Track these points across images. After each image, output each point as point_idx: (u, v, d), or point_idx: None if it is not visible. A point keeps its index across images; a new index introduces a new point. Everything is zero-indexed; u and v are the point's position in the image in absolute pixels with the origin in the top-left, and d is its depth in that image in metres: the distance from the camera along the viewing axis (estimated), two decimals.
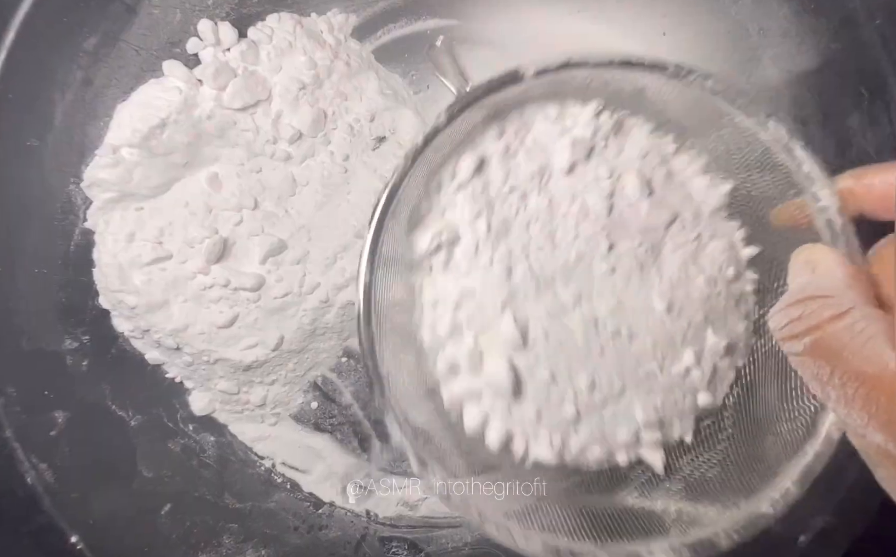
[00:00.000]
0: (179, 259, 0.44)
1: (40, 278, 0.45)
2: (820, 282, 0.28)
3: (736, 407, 0.37)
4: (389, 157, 0.47)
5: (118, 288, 0.44)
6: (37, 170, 0.44)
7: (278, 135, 0.45)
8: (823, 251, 0.29)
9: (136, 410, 0.48)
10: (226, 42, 0.45)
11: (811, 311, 0.26)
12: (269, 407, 0.50)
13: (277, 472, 0.51)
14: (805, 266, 0.29)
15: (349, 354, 0.51)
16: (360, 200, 0.46)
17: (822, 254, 0.29)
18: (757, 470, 0.33)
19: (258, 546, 0.48)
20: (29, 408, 0.44)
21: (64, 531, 0.43)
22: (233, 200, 0.45)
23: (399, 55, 0.50)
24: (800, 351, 0.27)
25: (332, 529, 0.50)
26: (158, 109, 0.42)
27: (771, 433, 0.33)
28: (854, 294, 0.26)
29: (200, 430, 0.50)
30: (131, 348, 0.47)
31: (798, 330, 0.27)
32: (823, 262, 0.29)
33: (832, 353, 0.25)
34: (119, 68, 0.45)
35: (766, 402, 0.35)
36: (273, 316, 0.46)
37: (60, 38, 0.43)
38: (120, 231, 0.44)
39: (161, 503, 0.47)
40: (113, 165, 0.43)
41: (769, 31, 0.46)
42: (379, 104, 0.47)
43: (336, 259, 0.46)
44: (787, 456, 0.31)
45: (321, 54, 0.46)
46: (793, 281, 0.30)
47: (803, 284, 0.29)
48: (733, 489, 0.33)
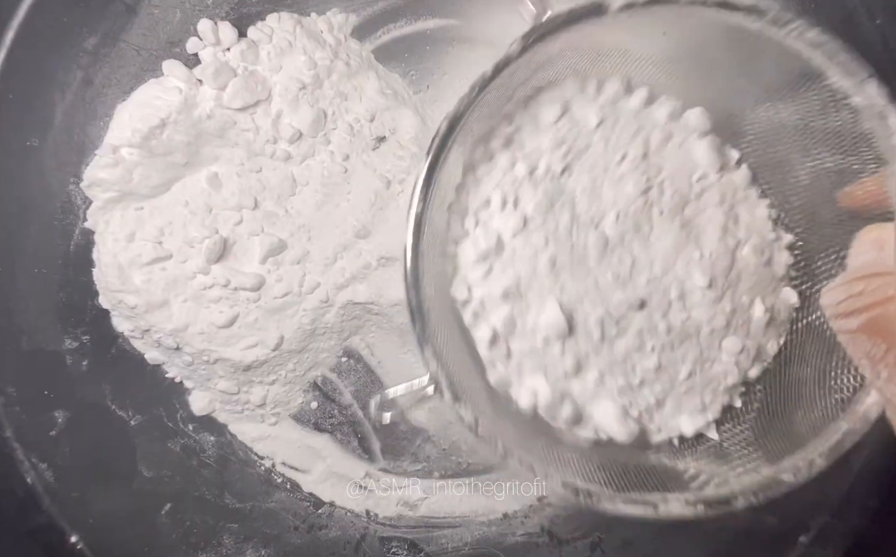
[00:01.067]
0: (179, 259, 0.44)
1: (40, 278, 0.45)
2: (887, 261, 0.27)
3: (768, 381, 0.37)
4: (389, 157, 0.47)
5: (118, 288, 0.44)
6: (37, 170, 0.44)
7: (278, 135, 0.45)
8: (892, 230, 0.28)
9: (136, 410, 0.48)
10: (226, 42, 0.45)
11: (874, 288, 0.26)
12: (269, 407, 0.50)
13: (277, 472, 0.51)
14: (873, 244, 0.29)
15: (349, 354, 0.51)
16: (360, 200, 0.46)
17: (891, 233, 0.28)
18: (783, 442, 0.33)
19: (258, 546, 0.48)
20: (29, 408, 0.44)
21: (64, 531, 0.43)
22: (233, 200, 0.45)
23: (399, 55, 0.50)
24: (854, 329, 0.27)
25: (332, 529, 0.50)
26: (158, 109, 0.42)
27: (801, 408, 0.33)
28: None
29: (200, 430, 0.50)
30: (131, 348, 0.47)
31: (856, 306, 0.27)
32: (892, 241, 0.28)
33: (890, 331, 0.25)
34: (119, 68, 0.45)
35: (800, 379, 0.35)
36: (273, 316, 0.46)
37: (60, 38, 0.43)
38: (120, 231, 0.44)
39: (161, 503, 0.47)
40: (113, 165, 0.43)
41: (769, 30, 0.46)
42: (379, 104, 0.47)
43: (336, 259, 0.46)
44: (816, 431, 0.31)
45: (321, 54, 0.46)
46: (856, 258, 0.30)
47: (868, 261, 0.28)
48: (757, 456, 0.33)
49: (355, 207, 0.46)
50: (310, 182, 0.46)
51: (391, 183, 0.47)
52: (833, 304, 0.28)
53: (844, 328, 0.28)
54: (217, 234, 0.44)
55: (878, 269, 0.27)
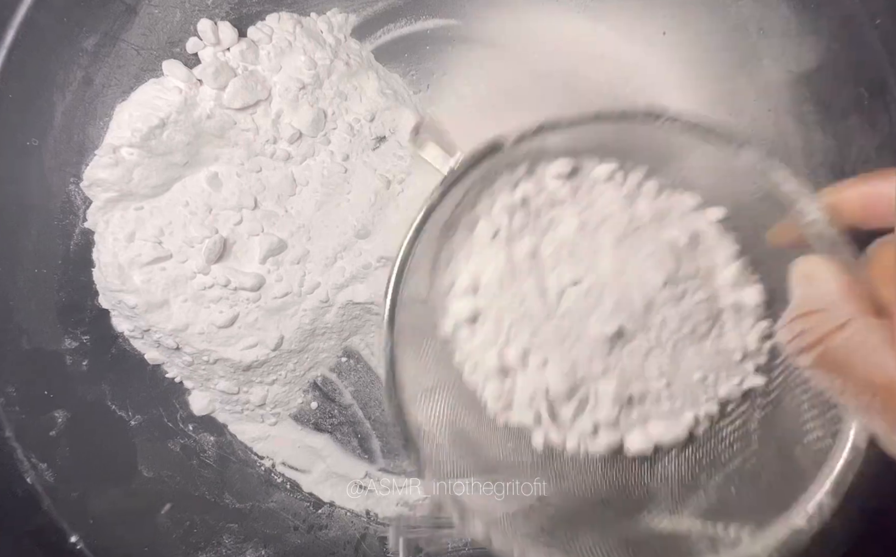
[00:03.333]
0: (179, 258, 0.44)
1: (40, 278, 0.45)
2: (818, 295, 0.28)
3: (762, 420, 0.37)
4: (389, 157, 0.47)
5: (118, 288, 0.44)
6: (37, 170, 0.44)
7: (278, 135, 0.45)
8: (818, 262, 0.29)
9: (136, 410, 0.48)
10: (225, 42, 0.45)
11: (812, 325, 0.26)
12: (269, 407, 0.50)
13: (277, 472, 0.51)
14: (802, 278, 0.29)
15: (349, 354, 0.51)
16: (360, 200, 0.46)
17: (817, 266, 0.29)
18: (788, 483, 0.32)
19: (258, 546, 0.48)
20: (29, 408, 0.44)
21: (64, 531, 0.43)
22: (233, 200, 0.45)
23: (399, 55, 0.50)
24: (809, 365, 0.27)
25: (332, 529, 0.50)
26: (158, 109, 0.42)
27: (799, 443, 0.33)
28: (852, 304, 0.26)
29: (200, 430, 0.50)
30: (131, 348, 0.47)
31: (804, 344, 0.27)
32: (819, 274, 0.28)
33: (840, 365, 0.25)
34: (119, 68, 0.45)
35: (793, 413, 0.34)
36: (273, 316, 0.46)
37: (60, 38, 0.43)
38: (120, 231, 0.44)
39: (161, 503, 0.47)
40: (113, 165, 0.43)
41: (769, 31, 0.46)
42: (379, 104, 0.47)
43: (336, 258, 0.46)
44: (816, 466, 0.31)
45: (321, 54, 0.46)
46: (793, 293, 0.30)
47: (803, 297, 0.29)
48: (765, 505, 0.33)
49: (355, 207, 0.46)
50: (310, 182, 0.46)
51: (391, 183, 0.47)
52: (786, 343, 0.29)
53: (802, 364, 0.28)
54: (217, 234, 0.44)
55: (813, 306, 0.27)
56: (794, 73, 0.46)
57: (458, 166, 0.34)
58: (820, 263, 0.29)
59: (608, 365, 0.36)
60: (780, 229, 0.33)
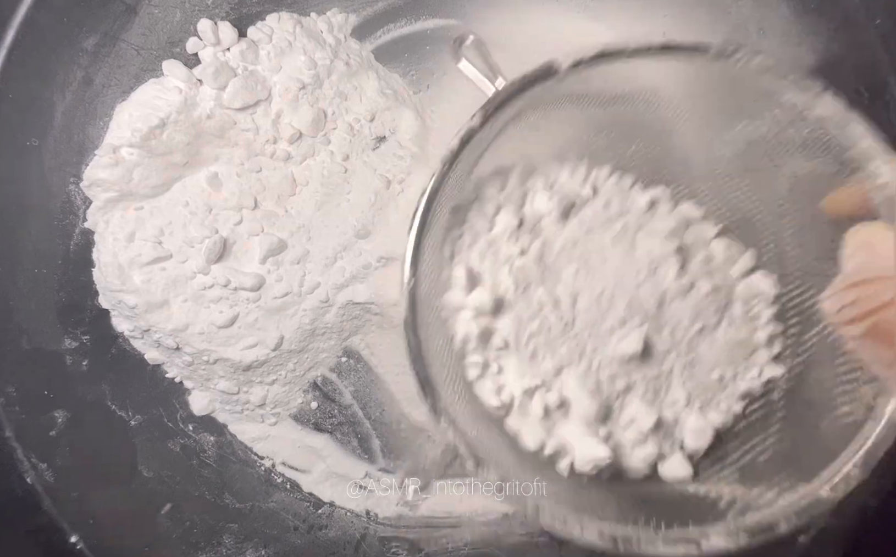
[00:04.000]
0: (179, 258, 0.44)
1: (40, 278, 0.45)
2: (878, 264, 0.26)
3: (788, 390, 0.36)
4: (389, 157, 0.47)
5: (118, 288, 0.44)
6: (37, 170, 0.44)
7: (278, 135, 0.45)
8: (882, 231, 0.28)
9: (136, 410, 0.48)
10: (225, 42, 0.45)
11: (868, 295, 0.25)
12: (269, 407, 0.50)
13: (277, 472, 0.51)
14: (861, 247, 0.28)
15: (349, 354, 0.51)
16: (360, 200, 0.46)
17: (880, 234, 0.27)
18: (814, 453, 0.32)
19: (258, 546, 0.48)
20: (29, 408, 0.44)
21: (64, 531, 0.43)
22: (233, 200, 0.45)
23: (399, 55, 0.50)
24: (858, 335, 0.26)
25: (332, 529, 0.50)
26: (158, 109, 0.42)
27: (827, 416, 0.32)
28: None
29: (200, 430, 0.50)
30: (131, 348, 0.47)
31: (855, 313, 0.26)
32: (882, 243, 0.27)
33: (892, 336, 0.24)
34: (119, 68, 0.45)
35: (821, 385, 0.34)
36: (273, 316, 0.46)
37: (60, 38, 0.43)
38: (120, 231, 0.44)
39: (161, 503, 0.47)
40: (113, 165, 0.43)
41: (769, 31, 0.46)
42: (379, 104, 0.47)
43: (336, 258, 0.46)
44: (845, 439, 0.30)
45: (321, 54, 0.46)
46: (847, 262, 0.28)
47: (859, 266, 0.27)
48: (790, 472, 0.32)
49: (355, 207, 0.46)
50: (310, 182, 0.46)
51: (391, 183, 0.47)
52: (833, 312, 0.28)
53: (850, 335, 0.27)
54: (217, 234, 0.44)
55: (871, 274, 0.26)
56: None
57: (504, 88, 0.31)
58: (884, 231, 0.27)
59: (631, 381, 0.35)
60: (841, 194, 0.31)
